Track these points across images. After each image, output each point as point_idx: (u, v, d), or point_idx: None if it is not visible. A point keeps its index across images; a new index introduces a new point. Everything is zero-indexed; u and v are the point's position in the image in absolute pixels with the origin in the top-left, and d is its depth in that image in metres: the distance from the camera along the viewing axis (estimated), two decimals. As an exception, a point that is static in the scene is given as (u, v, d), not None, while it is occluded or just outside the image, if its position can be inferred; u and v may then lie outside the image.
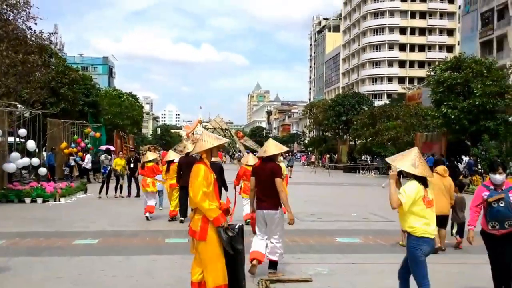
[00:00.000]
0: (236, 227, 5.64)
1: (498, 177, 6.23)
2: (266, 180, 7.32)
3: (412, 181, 5.37)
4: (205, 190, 5.37)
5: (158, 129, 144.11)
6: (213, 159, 6.06)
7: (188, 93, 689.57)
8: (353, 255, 9.21)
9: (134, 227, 12.36)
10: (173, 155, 14.77)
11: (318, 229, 12.04)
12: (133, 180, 19.64)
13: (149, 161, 14.70)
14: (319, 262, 8.48)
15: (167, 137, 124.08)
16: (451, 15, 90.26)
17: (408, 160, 5.40)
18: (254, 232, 7.03)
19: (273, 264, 7.47)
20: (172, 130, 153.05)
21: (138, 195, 19.13)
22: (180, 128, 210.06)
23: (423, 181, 5.38)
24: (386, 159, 5.85)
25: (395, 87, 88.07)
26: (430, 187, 5.48)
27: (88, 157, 26.90)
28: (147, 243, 10.29)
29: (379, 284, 6.26)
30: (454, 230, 10.37)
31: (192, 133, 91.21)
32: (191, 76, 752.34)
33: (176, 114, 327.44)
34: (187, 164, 11.90)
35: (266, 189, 7.35)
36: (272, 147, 7.56)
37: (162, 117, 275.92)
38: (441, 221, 9.80)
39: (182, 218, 12.86)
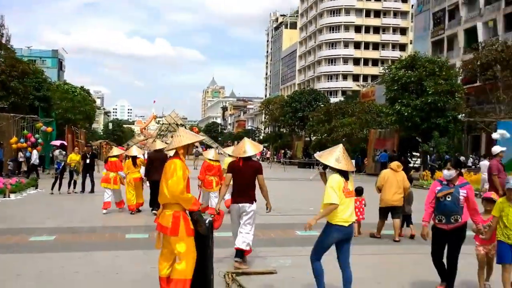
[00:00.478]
0: (206, 221, 5.66)
1: (446, 172, 6.44)
2: (248, 177, 7.78)
3: (335, 174, 5.93)
4: (184, 184, 5.42)
5: (110, 124, 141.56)
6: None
7: (141, 88, 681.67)
8: (313, 247, 9.35)
9: (91, 223, 12.14)
10: (136, 151, 14.87)
11: (278, 223, 12.17)
12: (88, 176, 19.33)
13: (113, 156, 14.64)
14: (282, 255, 8.62)
15: (119, 132, 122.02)
16: (404, 14, 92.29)
17: (333, 156, 5.93)
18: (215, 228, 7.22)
19: (240, 253, 7.68)
20: (125, 125, 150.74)
21: (92, 191, 18.86)
22: (133, 123, 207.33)
23: (344, 174, 5.93)
24: (315, 154, 6.29)
25: (350, 84, 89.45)
26: (351, 180, 6.03)
27: (35, 152, 26.17)
28: (107, 239, 10.14)
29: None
30: None
31: (145, 128, 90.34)
32: (145, 71, 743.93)
33: (128, 109, 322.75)
34: (157, 159, 12.67)
35: (246, 185, 7.78)
36: (251, 147, 7.97)
37: (113, 112, 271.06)
38: (395, 211, 10.50)
39: (155, 212, 12.89)
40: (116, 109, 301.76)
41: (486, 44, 35.87)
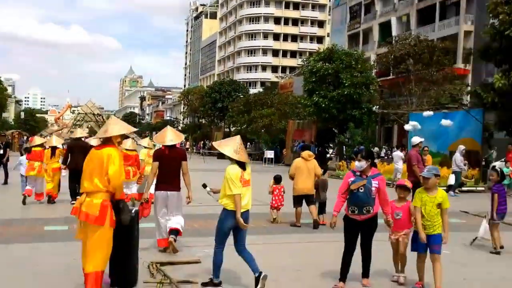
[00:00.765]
0: (133, 211, 5.67)
1: (357, 164, 6.60)
2: (176, 164, 7.97)
3: (233, 165, 6.28)
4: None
5: (22, 113, 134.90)
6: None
7: (55, 76, 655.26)
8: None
9: (7, 215, 11.62)
10: (56, 141, 14.66)
11: (201, 214, 12.20)
12: (1, 166, 18.51)
13: (37, 146, 14.21)
14: (206, 244, 8.64)
15: (31, 122, 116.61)
16: (322, 7, 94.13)
17: (231, 146, 6.32)
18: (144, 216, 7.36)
19: (175, 232, 7.90)
20: (38, 115, 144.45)
21: (6, 182, 18.15)
22: (46, 112, 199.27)
23: (241, 164, 6.27)
24: (213, 143, 6.63)
25: (269, 75, 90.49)
26: (248, 170, 6.38)
27: None
28: (25, 230, 9.80)
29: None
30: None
31: (60, 118, 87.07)
32: (59, 58, 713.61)
33: (41, 98, 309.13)
34: (77, 147, 12.94)
35: (173, 172, 7.94)
36: (175, 136, 8.25)
37: (25, 101, 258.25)
38: (308, 199, 10.98)
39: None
40: (28, 97, 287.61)
41: (399, 38, 37.29)
